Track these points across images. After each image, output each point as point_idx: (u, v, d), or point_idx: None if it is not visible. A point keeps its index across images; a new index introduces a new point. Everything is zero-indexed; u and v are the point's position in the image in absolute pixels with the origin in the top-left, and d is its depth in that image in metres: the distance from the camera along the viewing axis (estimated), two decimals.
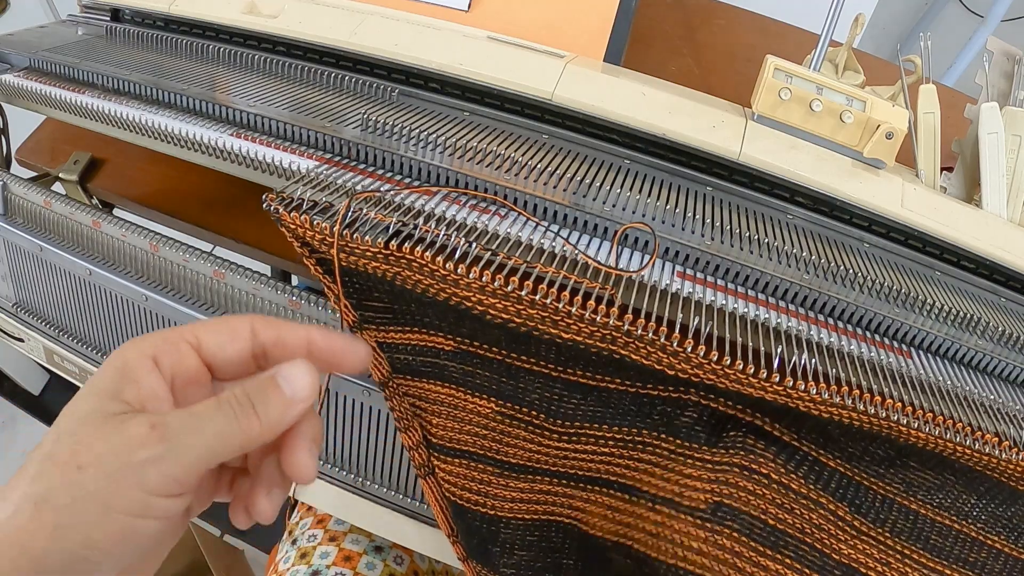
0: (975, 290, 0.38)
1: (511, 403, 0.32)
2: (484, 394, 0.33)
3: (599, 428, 0.32)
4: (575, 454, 0.32)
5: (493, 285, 0.28)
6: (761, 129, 0.40)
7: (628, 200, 0.36)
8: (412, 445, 0.36)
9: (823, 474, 0.30)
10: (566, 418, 0.32)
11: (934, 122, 0.41)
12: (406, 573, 0.50)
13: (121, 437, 0.20)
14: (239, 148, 0.40)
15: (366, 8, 0.48)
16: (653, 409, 0.31)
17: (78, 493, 0.19)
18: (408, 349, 0.34)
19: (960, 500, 0.30)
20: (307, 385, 0.22)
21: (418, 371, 0.34)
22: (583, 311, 0.27)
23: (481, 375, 0.33)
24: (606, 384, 0.31)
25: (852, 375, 0.29)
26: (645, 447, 0.32)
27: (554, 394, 0.32)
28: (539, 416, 0.32)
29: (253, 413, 0.22)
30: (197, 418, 0.21)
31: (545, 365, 0.31)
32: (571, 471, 0.33)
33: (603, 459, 0.32)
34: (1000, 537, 0.31)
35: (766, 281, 0.34)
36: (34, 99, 0.48)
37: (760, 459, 0.30)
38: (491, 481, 0.34)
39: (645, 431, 0.31)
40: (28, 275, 0.51)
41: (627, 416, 0.31)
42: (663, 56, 0.62)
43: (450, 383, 0.34)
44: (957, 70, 1.32)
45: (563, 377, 0.31)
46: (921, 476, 0.30)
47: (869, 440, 0.29)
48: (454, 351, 0.32)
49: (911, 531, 0.31)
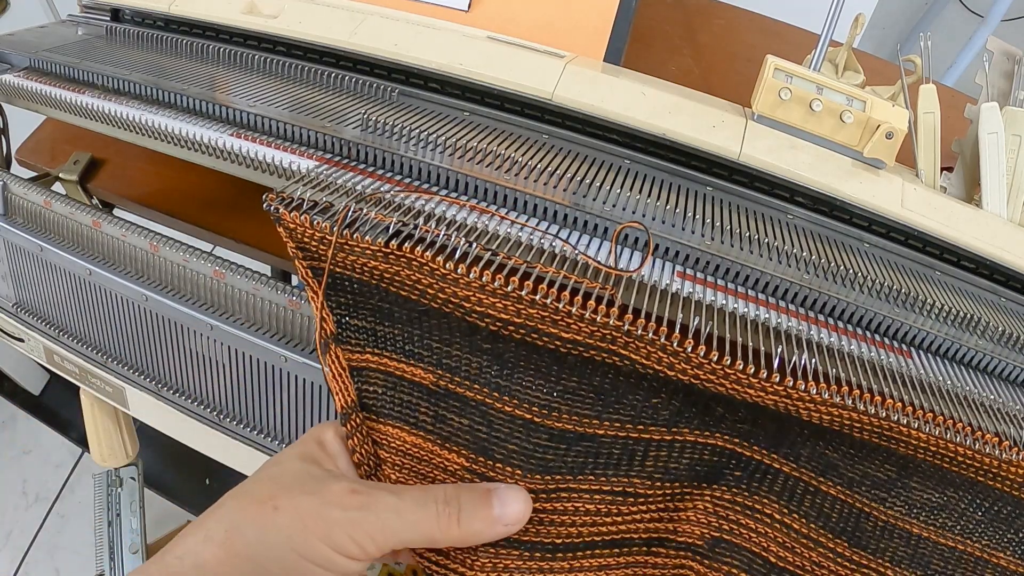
0: (975, 290, 0.38)
1: (483, 457, 0.30)
2: (455, 446, 0.30)
3: (584, 480, 0.30)
4: (552, 516, 0.30)
5: (493, 284, 0.28)
6: (761, 129, 0.40)
7: (628, 200, 0.36)
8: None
9: (823, 507, 0.30)
10: (547, 471, 0.29)
11: (934, 122, 0.41)
12: (405, 573, 0.50)
13: (321, 492, 0.21)
14: (239, 148, 0.40)
15: (366, 8, 0.48)
16: (646, 455, 0.30)
17: (269, 531, 0.20)
18: (381, 380, 0.31)
19: (965, 517, 0.30)
20: (519, 512, 0.23)
21: (384, 412, 0.31)
22: (583, 311, 0.27)
23: (456, 423, 0.30)
24: (594, 431, 0.29)
25: (852, 375, 0.29)
26: (638, 498, 0.30)
27: (535, 444, 0.29)
28: (515, 473, 0.29)
29: (456, 519, 0.22)
30: (399, 499, 0.22)
31: (528, 408, 0.29)
32: (546, 540, 0.30)
33: (587, 519, 0.30)
34: (1006, 554, 0.30)
35: (766, 281, 0.34)
36: (34, 99, 0.48)
37: (764, 499, 0.30)
38: (452, 554, 0.30)
39: (637, 480, 0.30)
40: (28, 275, 0.51)
41: (619, 465, 0.30)
42: (663, 56, 0.62)
43: (420, 430, 0.31)
44: (957, 70, 1.32)
45: (547, 424, 0.29)
46: (923, 496, 0.30)
47: (869, 460, 0.29)
48: (430, 388, 0.30)
49: (912, 557, 0.30)
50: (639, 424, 0.29)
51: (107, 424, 0.64)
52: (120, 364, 0.49)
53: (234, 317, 0.43)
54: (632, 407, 0.29)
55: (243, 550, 0.20)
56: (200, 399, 0.47)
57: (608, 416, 0.29)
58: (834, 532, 0.30)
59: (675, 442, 0.30)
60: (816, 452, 0.29)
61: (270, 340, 0.41)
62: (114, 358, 0.49)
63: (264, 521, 0.20)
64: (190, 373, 0.46)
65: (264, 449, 0.45)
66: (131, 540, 0.70)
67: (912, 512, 0.30)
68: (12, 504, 1.23)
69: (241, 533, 0.20)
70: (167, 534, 0.99)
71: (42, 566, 1.17)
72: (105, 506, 0.70)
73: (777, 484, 0.30)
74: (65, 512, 1.23)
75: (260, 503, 0.20)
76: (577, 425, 0.29)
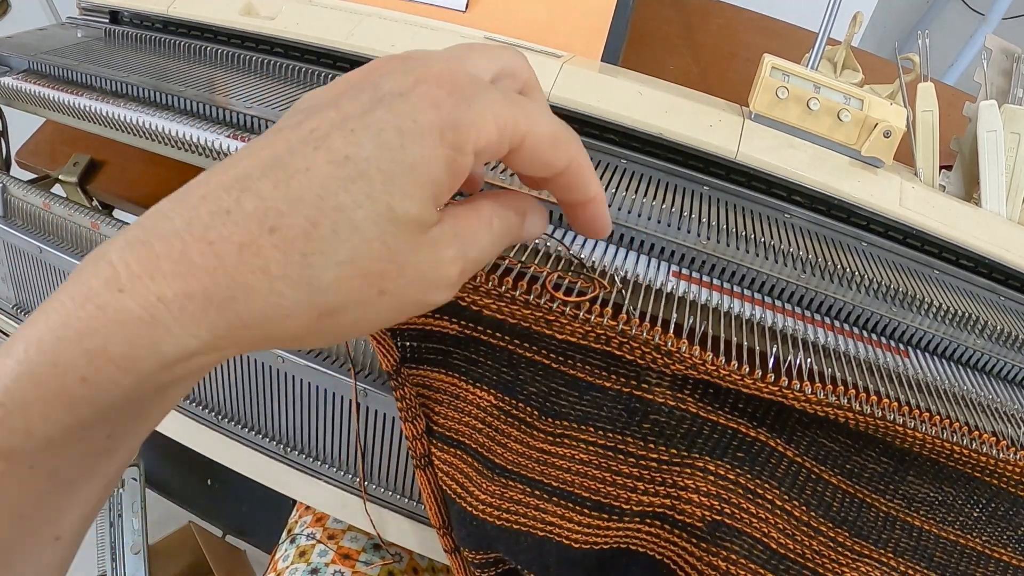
0: (974, 289, 0.38)
1: (509, 396, 0.32)
2: (484, 385, 0.33)
3: (584, 430, 0.31)
4: (554, 460, 0.32)
5: (487, 286, 0.28)
6: (758, 128, 0.40)
7: (625, 199, 0.36)
8: (415, 435, 0.36)
9: (824, 496, 0.30)
10: (557, 416, 0.31)
11: (932, 120, 0.41)
12: (405, 571, 0.50)
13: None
14: (238, 149, 0.40)
15: (363, 9, 0.48)
16: (645, 417, 0.30)
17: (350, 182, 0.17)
18: (413, 334, 0.34)
19: (964, 513, 0.30)
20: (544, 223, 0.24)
21: (423, 358, 0.35)
22: (576, 311, 0.27)
23: (483, 364, 0.33)
24: (602, 383, 0.31)
25: (849, 375, 0.29)
26: (628, 458, 0.31)
27: (551, 388, 0.31)
28: (532, 413, 0.32)
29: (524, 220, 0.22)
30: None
31: (547, 355, 0.31)
32: (546, 481, 0.32)
33: (580, 468, 0.31)
34: (1007, 550, 0.30)
35: (763, 280, 0.34)
36: (33, 101, 0.49)
37: (766, 484, 0.30)
38: (473, 479, 0.34)
39: (630, 439, 0.31)
40: (28, 277, 0.52)
41: (617, 422, 0.31)
42: (661, 55, 0.62)
43: (454, 372, 0.34)
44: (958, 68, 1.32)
45: (563, 370, 0.31)
46: (921, 490, 0.30)
47: (867, 452, 0.29)
48: (458, 335, 0.33)
49: (914, 549, 0.30)
50: (643, 383, 0.30)
51: None
52: None
53: None
54: (637, 368, 0.30)
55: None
56: (200, 400, 0.47)
57: (614, 369, 0.30)
58: (835, 521, 0.30)
59: (676, 409, 0.30)
60: (816, 441, 0.29)
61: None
62: None
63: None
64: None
65: (264, 451, 0.46)
66: (132, 540, 0.70)
67: (912, 506, 0.30)
68: None
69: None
70: (168, 534, 1.00)
71: None
72: (107, 506, 0.70)
73: (780, 469, 0.30)
74: None
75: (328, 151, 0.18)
76: (588, 375, 0.31)
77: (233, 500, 0.95)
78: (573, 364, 0.31)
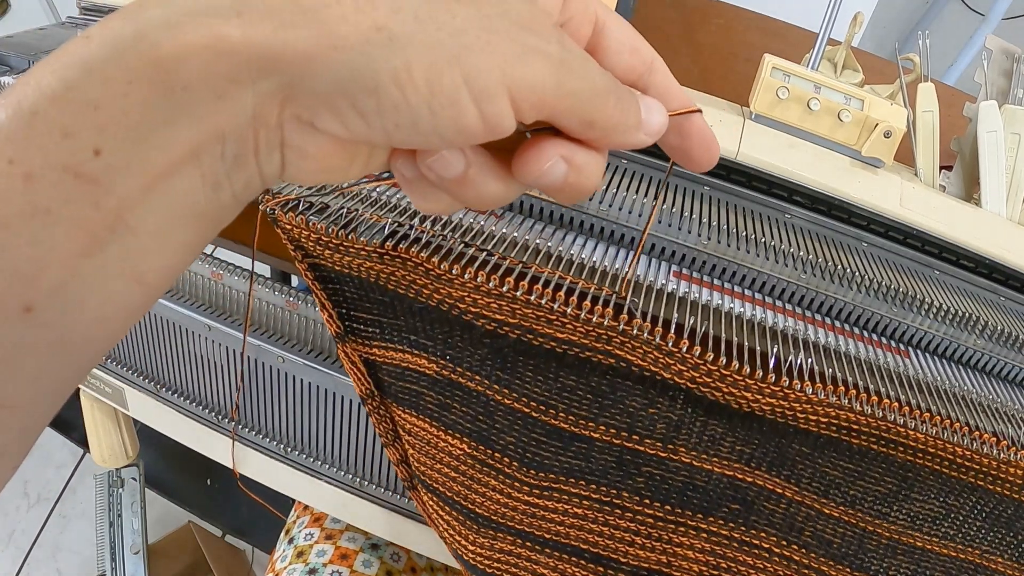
0: (974, 289, 0.38)
1: (484, 446, 0.31)
2: (457, 433, 0.31)
3: (575, 484, 0.30)
4: (544, 512, 0.31)
5: (488, 285, 0.28)
6: (759, 128, 0.40)
7: (625, 200, 0.36)
8: (396, 461, 0.35)
9: (824, 534, 0.30)
10: (540, 468, 0.30)
11: (933, 120, 0.41)
12: (403, 570, 0.50)
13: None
14: None
15: None
16: (639, 471, 0.29)
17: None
18: (389, 371, 0.33)
19: (967, 524, 0.30)
20: (662, 120, 0.20)
21: (396, 397, 0.33)
22: (578, 311, 0.27)
23: (457, 411, 0.31)
24: (589, 433, 0.29)
25: (849, 375, 0.29)
26: (625, 512, 0.30)
27: (531, 439, 0.30)
28: (511, 464, 0.30)
29: (638, 109, 0.19)
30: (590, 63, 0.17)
31: (527, 403, 0.29)
32: (537, 533, 0.31)
33: (575, 522, 0.30)
34: (1003, 558, 0.30)
35: (763, 280, 0.34)
36: None
37: (762, 533, 0.29)
38: (456, 528, 0.33)
39: (626, 494, 0.30)
40: None
41: (607, 475, 0.30)
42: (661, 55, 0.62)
43: (425, 416, 0.32)
44: (958, 68, 1.32)
45: (544, 420, 0.29)
46: (924, 507, 0.30)
47: (870, 475, 0.29)
48: (434, 378, 0.31)
49: (914, 573, 0.30)
50: (634, 434, 0.29)
51: (107, 425, 0.64)
52: (119, 365, 0.49)
53: (232, 318, 0.43)
54: (628, 414, 0.29)
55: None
56: (199, 400, 0.47)
57: (604, 419, 0.29)
58: (835, 559, 0.30)
59: (669, 460, 0.29)
60: (817, 472, 0.29)
61: (268, 340, 0.41)
62: (113, 359, 0.49)
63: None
64: (189, 374, 0.46)
65: (264, 450, 0.45)
66: (132, 540, 0.70)
67: (915, 524, 0.30)
68: (14, 505, 1.23)
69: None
70: (168, 534, 1.00)
71: (44, 566, 1.18)
72: (106, 506, 0.70)
73: (777, 514, 0.30)
74: (67, 513, 1.23)
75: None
76: (573, 425, 0.29)
77: (233, 500, 0.95)
78: (555, 414, 0.29)
